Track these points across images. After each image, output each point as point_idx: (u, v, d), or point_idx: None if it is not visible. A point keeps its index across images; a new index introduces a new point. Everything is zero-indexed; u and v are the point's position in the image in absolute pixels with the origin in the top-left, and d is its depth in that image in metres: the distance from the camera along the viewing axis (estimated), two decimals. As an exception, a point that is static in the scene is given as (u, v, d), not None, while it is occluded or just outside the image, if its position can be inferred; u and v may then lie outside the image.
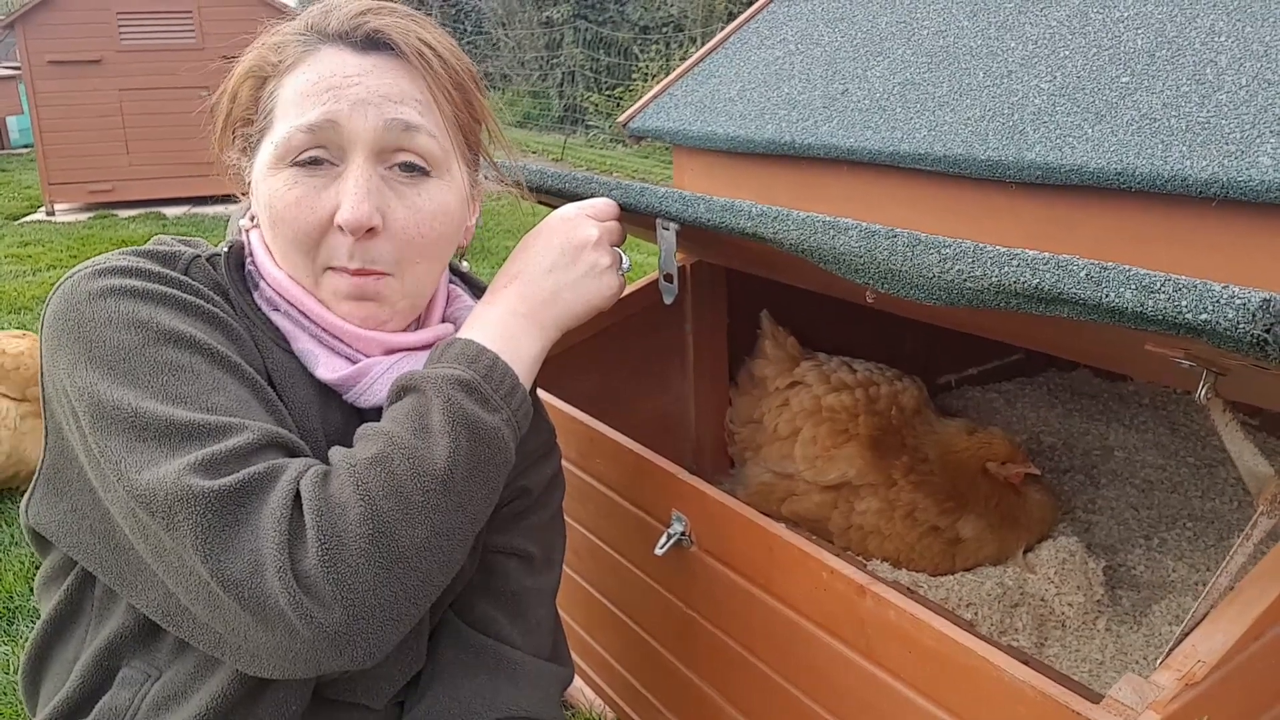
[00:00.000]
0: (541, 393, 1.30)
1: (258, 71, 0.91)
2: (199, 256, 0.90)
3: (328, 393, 0.92)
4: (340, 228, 0.86)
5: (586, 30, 13.12)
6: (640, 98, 1.86)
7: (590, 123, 12.64)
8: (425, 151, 0.89)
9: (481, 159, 1.03)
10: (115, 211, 6.94)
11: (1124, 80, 1.13)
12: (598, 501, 1.34)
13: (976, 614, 1.52)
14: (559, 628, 1.12)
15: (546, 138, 12.78)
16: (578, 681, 1.55)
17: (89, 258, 0.87)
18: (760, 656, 1.09)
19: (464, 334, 0.92)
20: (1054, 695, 0.77)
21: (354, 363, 0.92)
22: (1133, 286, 0.64)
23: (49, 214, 6.88)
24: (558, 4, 13.76)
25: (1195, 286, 0.62)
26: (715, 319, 1.80)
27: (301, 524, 0.75)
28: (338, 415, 0.92)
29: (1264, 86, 1.01)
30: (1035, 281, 0.70)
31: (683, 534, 1.16)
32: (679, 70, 1.81)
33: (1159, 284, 0.64)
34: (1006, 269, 0.72)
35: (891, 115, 1.32)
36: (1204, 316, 0.61)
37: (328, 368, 0.90)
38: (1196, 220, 1.00)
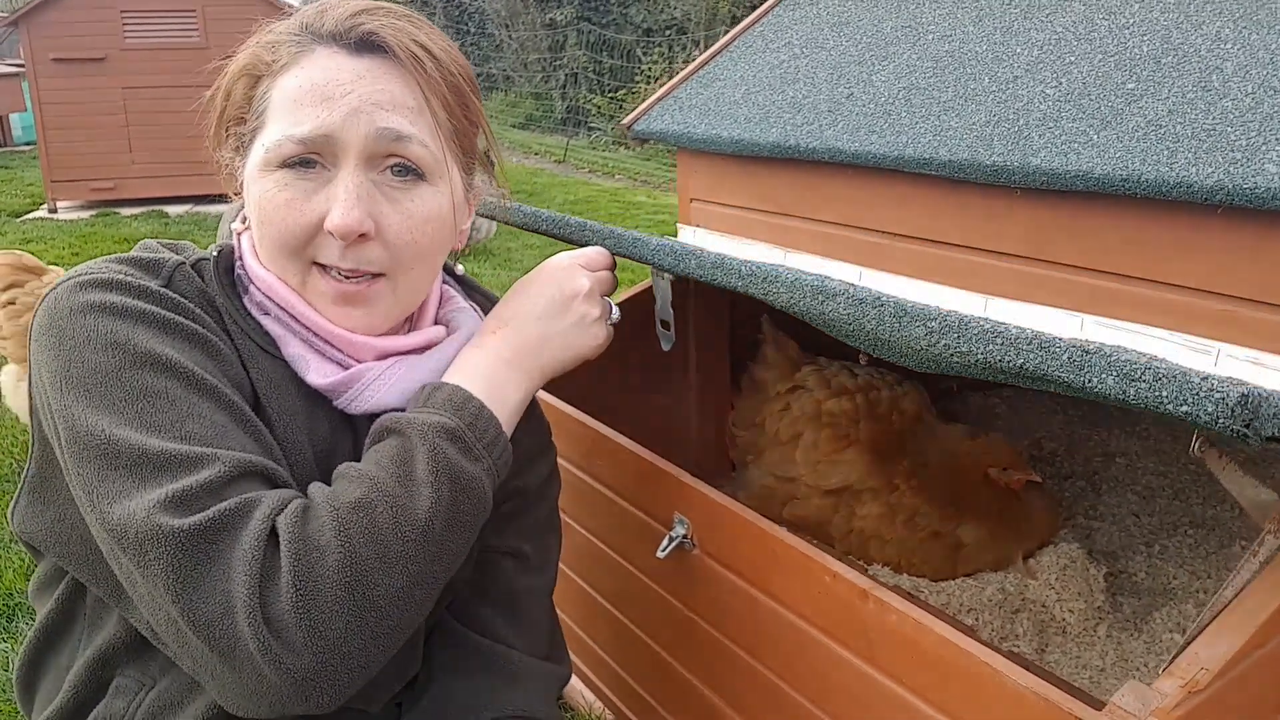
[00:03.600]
0: (543, 394, 1.30)
1: (251, 70, 0.90)
2: (183, 264, 0.89)
3: (315, 400, 0.91)
4: (330, 233, 0.85)
5: (590, 32, 13.13)
6: (643, 100, 1.86)
7: (593, 125, 12.65)
8: (416, 159, 0.89)
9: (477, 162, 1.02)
10: (117, 209, 6.94)
11: (1129, 86, 1.13)
12: (600, 504, 1.34)
13: (977, 620, 1.52)
14: (556, 626, 1.11)
15: (549, 139, 12.78)
16: (577, 684, 1.55)
17: (90, 255, 0.87)
18: (761, 660, 1.09)
19: (451, 378, 0.92)
20: (1056, 701, 0.77)
21: (345, 368, 0.91)
22: (1114, 374, 0.65)
23: (51, 211, 6.88)
24: (561, 6, 13.77)
25: (1175, 377, 0.62)
26: (717, 323, 1.80)
27: (275, 563, 0.74)
28: (325, 425, 0.91)
29: (1269, 94, 1.00)
30: (1020, 362, 0.72)
31: (685, 537, 1.16)
32: (684, 73, 1.81)
33: (1139, 372, 0.64)
34: (991, 347, 0.73)
35: (896, 120, 1.32)
36: (1184, 409, 0.62)
37: (318, 373, 0.89)
38: (1201, 226, 1.00)
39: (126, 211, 6.87)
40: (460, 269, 1.10)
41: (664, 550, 1.17)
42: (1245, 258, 0.97)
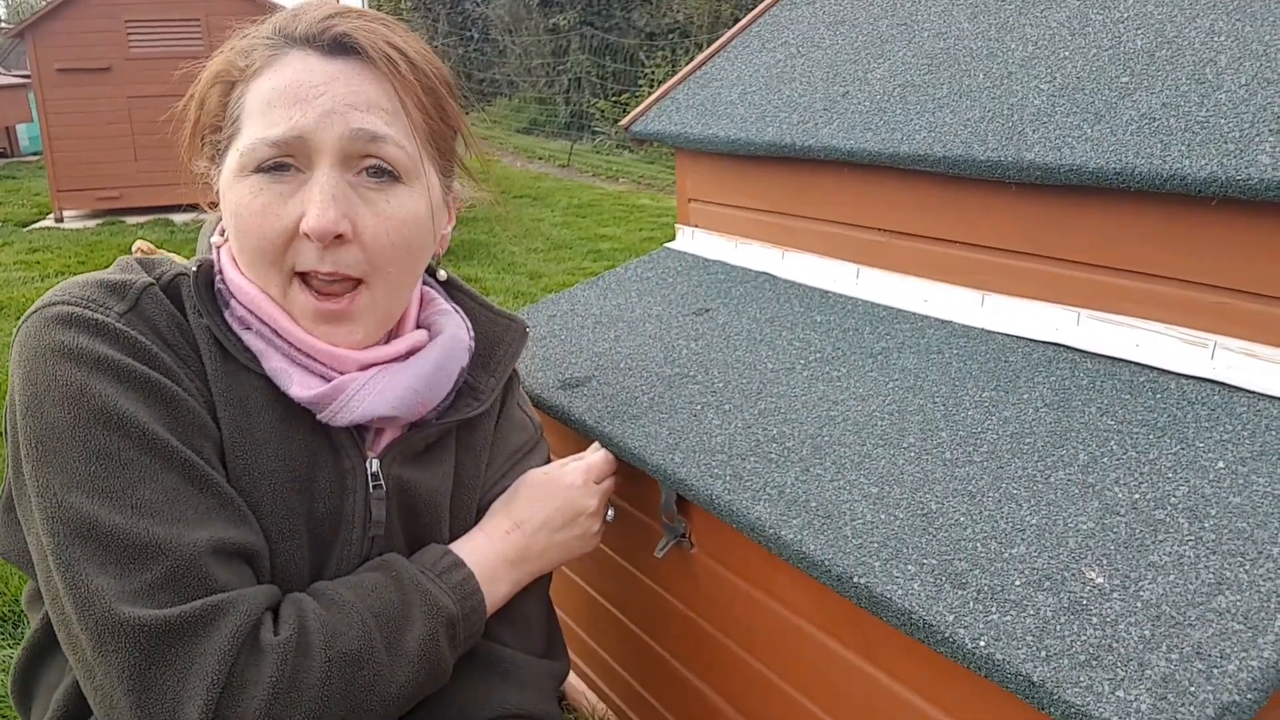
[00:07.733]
0: (541, 392, 1.30)
1: (225, 76, 0.90)
2: (151, 285, 0.87)
3: (292, 418, 0.90)
4: (307, 235, 0.85)
5: (593, 37, 13.15)
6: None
7: (596, 129, 12.67)
8: (392, 160, 0.88)
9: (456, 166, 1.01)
10: (123, 218, 6.98)
11: (1123, 80, 1.13)
12: (598, 504, 1.34)
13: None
14: (553, 623, 1.12)
15: (553, 144, 12.81)
16: (579, 684, 1.55)
17: (97, 264, 0.86)
18: (761, 659, 1.09)
19: (461, 552, 0.97)
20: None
21: (328, 380, 0.90)
22: None
23: (58, 221, 6.92)
24: (564, 11, 13.80)
25: None
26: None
27: (246, 681, 0.76)
28: (299, 447, 0.90)
29: (1263, 86, 1.00)
30: None
31: (683, 536, 1.16)
32: (681, 74, 1.82)
33: None
34: None
35: (891, 117, 1.32)
36: None
37: (301, 385, 0.89)
38: (1195, 219, 1.00)
39: (132, 220, 6.92)
40: (444, 274, 1.09)
41: (662, 550, 1.18)
42: (1239, 249, 0.97)
